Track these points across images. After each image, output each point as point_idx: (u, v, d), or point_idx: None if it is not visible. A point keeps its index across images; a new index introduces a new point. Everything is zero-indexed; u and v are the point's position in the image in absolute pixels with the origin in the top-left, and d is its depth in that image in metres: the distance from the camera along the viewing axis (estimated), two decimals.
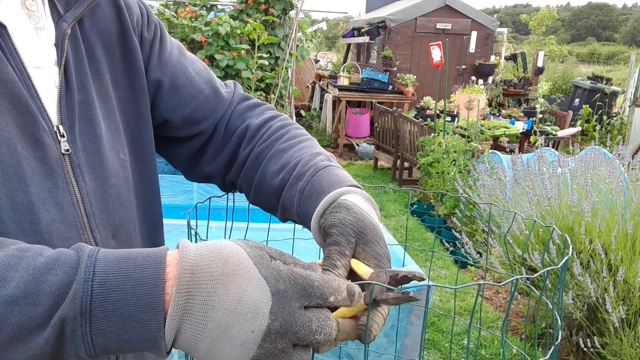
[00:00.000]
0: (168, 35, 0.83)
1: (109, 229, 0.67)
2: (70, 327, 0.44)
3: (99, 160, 0.66)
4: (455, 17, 8.93)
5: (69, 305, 0.44)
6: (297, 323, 0.47)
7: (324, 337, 0.48)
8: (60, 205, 0.61)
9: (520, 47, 13.02)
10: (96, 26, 0.70)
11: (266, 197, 0.77)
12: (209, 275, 0.46)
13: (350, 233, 0.59)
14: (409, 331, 1.98)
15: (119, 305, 0.45)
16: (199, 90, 0.82)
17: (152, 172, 0.78)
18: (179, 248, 0.48)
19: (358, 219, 0.59)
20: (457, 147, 4.96)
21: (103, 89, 0.69)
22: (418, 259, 3.94)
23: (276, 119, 0.83)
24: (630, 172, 2.75)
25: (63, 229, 0.61)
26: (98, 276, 0.45)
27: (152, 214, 0.79)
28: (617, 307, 2.27)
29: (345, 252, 0.58)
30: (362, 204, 0.63)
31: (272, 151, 0.77)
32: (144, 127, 0.76)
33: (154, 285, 0.45)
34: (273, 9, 4.99)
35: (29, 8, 0.63)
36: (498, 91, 8.82)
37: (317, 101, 9.84)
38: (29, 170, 0.58)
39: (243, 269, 0.47)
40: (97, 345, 0.45)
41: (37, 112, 0.60)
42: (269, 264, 0.48)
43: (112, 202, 0.67)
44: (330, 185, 0.67)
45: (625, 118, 7.38)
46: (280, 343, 0.47)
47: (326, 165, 0.70)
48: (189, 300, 0.45)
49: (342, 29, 11.58)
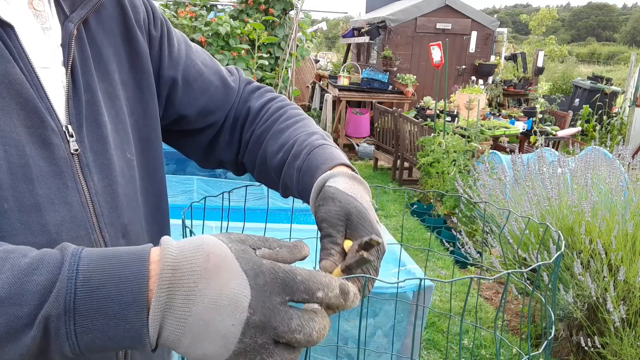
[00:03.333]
0: (173, 29, 0.83)
1: (118, 229, 0.67)
2: (54, 325, 0.44)
3: (106, 160, 0.66)
4: (455, 17, 8.93)
5: (52, 303, 0.44)
6: (276, 318, 0.47)
7: (303, 338, 0.47)
8: (69, 205, 0.61)
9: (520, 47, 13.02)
10: (102, 27, 0.70)
11: (269, 175, 0.82)
12: (190, 270, 0.46)
13: (338, 223, 0.62)
14: (408, 331, 1.98)
15: (103, 303, 0.45)
16: (210, 83, 0.84)
17: (159, 170, 0.79)
18: (161, 245, 0.48)
19: (342, 207, 0.63)
20: (457, 147, 4.96)
21: (111, 89, 0.69)
22: (418, 259, 3.94)
23: (274, 101, 0.87)
24: (630, 172, 2.75)
25: (72, 229, 0.61)
26: (82, 274, 0.45)
27: (160, 212, 0.79)
28: (617, 307, 2.26)
29: (337, 240, 0.61)
30: (345, 186, 0.65)
31: (272, 132, 0.81)
32: (152, 126, 0.76)
33: (138, 282, 0.45)
34: (273, 9, 4.98)
35: (36, 8, 0.63)
36: (498, 91, 8.82)
37: (317, 101, 9.83)
38: (37, 171, 0.58)
39: (224, 264, 0.47)
40: (82, 342, 0.45)
41: (46, 113, 0.59)
42: (250, 257, 0.48)
43: (120, 202, 0.67)
44: (323, 162, 0.71)
45: (625, 118, 7.37)
46: (261, 338, 0.47)
47: (321, 144, 0.74)
48: (170, 296, 0.46)
49: (342, 29, 11.58)
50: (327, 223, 0.62)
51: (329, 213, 0.62)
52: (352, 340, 1.96)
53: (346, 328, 1.96)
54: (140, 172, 0.73)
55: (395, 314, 1.97)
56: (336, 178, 0.67)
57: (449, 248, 3.80)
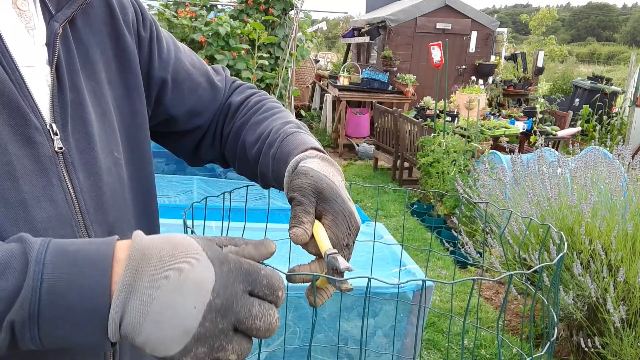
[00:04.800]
0: (161, 29, 0.84)
1: (104, 227, 0.67)
2: (19, 330, 0.47)
3: (92, 158, 0.66)
4: (455, 17, 8.93)
5: (17, 310, 0.46)
6: (238, 303, 0.49)
7: (263, 324, 0.50)
8: (55, 202, 0.61)
9: (520, 47, 13.01)
10: (89, 26, 0.70)
11: (248, 166, 0.84)
12: (158, 256, 0.48)
13: (310, 193, 0.64)
14: (408, 331, 1.98)
15: (65, 311, 0.47)
16: (198, 84, 0.85)
17: (148, 169, 0.79)
18: (133, 236, 0.50)
19: (315, 181, 0.64)
20: (457, 147, 4.96)
21: (97, 88, 0.70)
22: (418, 259, 3.94)
23: (254, 95, 0.89)
24: (630, 172, 2.75)
25: (58, 226, 0.61)
26: (46, 283, 0.46)
27: (149, 210, 0.80)
28: (617, 307, 2.26)
29: (308, 209, 0.63)
30: (318, 167, 0.67)
31: (249, 124, 0.83)
32: (140, 125, 0.77)
33: (100, 291, 0.47)
34: (273, 9, 4.98)
35: (20, 8, 0.63)
36: (498, 91, 8.82)
37: (317, 101, 9.83)
38: (21, 169, 0.58)
39: (191, 253, 0.49)
40: (46, 344, 0.48)
41: (29, 111, 0.60)
42: (216, 249, 0.51)
43: (106, 200, 0.67)
44: (296, 147, 0.72)
45: (625, 118, 7.37)
46: (221, 323, 0.48)
47: (293, 131, 0.76)
48: (136, 278, 0.47)
49: (342, 29, 11.58)
50: (299, 192, 0.63)
51: (302, 184, 0.64)
52: (352, 340, 1.96)
53: (346, 328, 1.96)
54: (128, 170, 0.74)
55: (395, 314, 1.97)
56: (309, 159, 0.68)
57: (449, 248, 3.80)
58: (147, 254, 0.48)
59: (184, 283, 0.47)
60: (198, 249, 0.50)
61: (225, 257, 0.50)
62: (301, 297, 1.85)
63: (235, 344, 0.49)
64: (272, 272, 0.52)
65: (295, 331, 1.90)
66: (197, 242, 0.51)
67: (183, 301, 0.47)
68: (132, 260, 0.48)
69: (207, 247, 0.50)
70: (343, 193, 0.65)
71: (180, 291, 0.47)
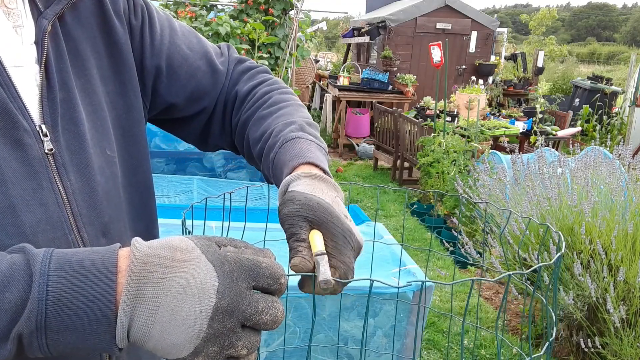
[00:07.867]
0: (156, 13, 0.80)
1: (98, 228, 0.66)
2: (27, 340, 0.47)
3: (83, 158, 0.65)
4: (455, 17, 8.93)
5: (24, 322, 0.46)
6: (243, 302, 0.49)
7: (270, 318, 0.50)
8: (45, 205, 0.60)
9: (520, 47, 13.01)
10: (78, 21, 0.68)
11: (254, 161, 0.83)
12: (158, 263, 0.48)
13: (300, 220, 0.60)
14: (408, 331, 1.98)
15: (72, 320, 0.47)
16: (197, 68, 0.82)
17: (144, 165, 0.77)
18: (131, 244, 0.50)
19: (302, 205, 0.61)
20: (457, 147, 4.96)
21: (88, 85, 0.68)
22: (418, 259, 3.94)
23: (263, 84, 0.85)
24: (630, 172, 2.75)
25: (49, 230, 0.60)
26: (51, 294, 0.47)
27: (147, 208, 0.78)
28: (617, 307, 2.26)
29: (302, 237, 0.60)
30: (305, 188, 0.63)
31: (254, 118, 0.81)
32: (135, 120, 0.75)
33: (106, 298, 0.47)
34: (273, 9, 4.98)
35: (8, 6, 0.61)
36: (498, 91, 8.81)
37: (317, 101, 9.83)
38: (9, 173, 0.57)
39: (191, 256, 0.49)
40: (54, 352, 0.48)
41: (18, 113, 0.58)
42: (215, 250, 0.51)
43: (100, 200, 0.66)
44: (291, 158, 0.70)
45: (625, 118, 7.37)
46: (229, 322, 0.49)
47: (293, 137, 0.73)
48: (140, 288, 0.48)
49: (342, 29, 11.57)
50: (289, 222, 0.61)
51: (289, 213, 0.61)
52: (352, 340, 1.96)
53: (346, 328, 1.96)
54: (122, 168, 0.72)
55: (395, 314, 1.97)
56: (296, 182, 0.65)
57: (449, 248, 3.80)
58: (148, 262, 0.48)
59: (187, 288, 0.48)
60: (197, 252, 0.50)
61: (225, 257, 0.50)
62: (301, 297, 1.85)
63: (245, 339, 0.50)
64: (271, 261, 0.53)
65: (295, 331, 1.90)
66: (195, 244, 0.51)
67: (189, 306, 0.48)
68: (134, 271, 0.48)
69: (205, 249, 0.50)
70: (338, 210, 0.62)
71: (184, 296, 0.48)
